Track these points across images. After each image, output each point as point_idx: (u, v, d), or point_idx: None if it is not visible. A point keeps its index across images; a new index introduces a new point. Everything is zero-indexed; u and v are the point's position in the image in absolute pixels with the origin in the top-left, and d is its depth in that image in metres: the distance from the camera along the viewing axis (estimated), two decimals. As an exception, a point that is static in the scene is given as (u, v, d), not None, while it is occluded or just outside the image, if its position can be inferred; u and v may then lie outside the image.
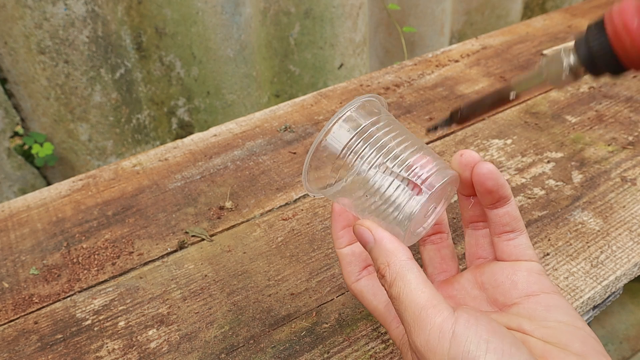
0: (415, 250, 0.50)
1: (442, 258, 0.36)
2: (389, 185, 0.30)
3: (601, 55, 0.21)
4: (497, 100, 0.27)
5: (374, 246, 0.30)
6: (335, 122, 0.30)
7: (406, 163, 0.30)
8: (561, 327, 0.28)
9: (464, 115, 0.28)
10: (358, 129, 0.30)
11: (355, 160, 0.30)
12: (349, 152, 0.30)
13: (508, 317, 0.30)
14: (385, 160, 0.30)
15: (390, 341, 0.42)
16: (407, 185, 0.30)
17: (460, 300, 0.33)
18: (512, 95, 0.26)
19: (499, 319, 0.30)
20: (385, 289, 0.29)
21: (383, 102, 0.32)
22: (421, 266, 0.40)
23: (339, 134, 0.31)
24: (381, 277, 0.29)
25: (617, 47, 0.20)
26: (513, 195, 0.56)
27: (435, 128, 0.27)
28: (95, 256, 0.53)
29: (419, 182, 0.29)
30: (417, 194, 0.30)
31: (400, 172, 0.30)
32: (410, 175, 0.30)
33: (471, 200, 0.34)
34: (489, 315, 0.30)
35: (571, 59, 0.23)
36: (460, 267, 0.38)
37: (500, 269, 0.32)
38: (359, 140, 0.30)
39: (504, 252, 0.32)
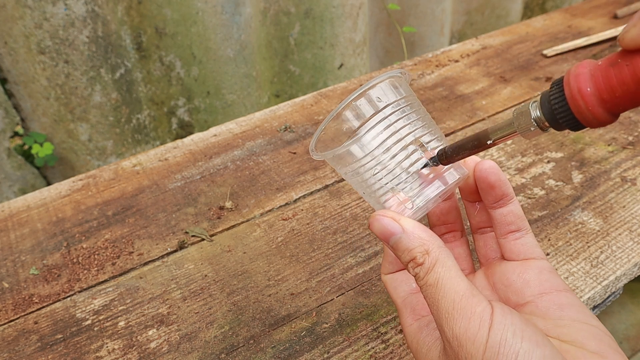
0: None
1: (456, 257, 0.36)
2: (399, 166, 0.29)
3: (561, 115, 0.23)
4: (476, 145, 0.29)
5: (402, 236, 0.28)
6: (358, 95, 0.30)
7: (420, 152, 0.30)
8: (576, 326, 0.28)
9: (448, 155, 0.30)
10: (378, 108, 0.30)
11: (369, 130, 0.30)
12: (366, 124, 0.30)
13: None
14: (397, 141, 0.29)
15: (391, 341, 0.42)
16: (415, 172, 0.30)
17: None
18: (489, 142, 0.28)
19: None
20: (419, 277, 0.28)
21: (408, 78, 0.32)
22: None
23: (360, 106, 0.31)
24: (417, 265, 0.28)
25: (574, 109, 0.22)
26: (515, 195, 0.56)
27: (424, 166, 0.29)
28: (95, 256, 0.53)
29: (431, 177, 0.30)
30: (428, 184, 0.30)
31: (412, 162, 0.29)
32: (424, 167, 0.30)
33: (477, 206, 0.34)
34: None
35: (538, 113, 0.25)
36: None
37: (511, 268, 0.32)
38: (377, 118, 0.30)
39: (512, 251, 0.32)
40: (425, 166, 0.30)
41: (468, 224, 0.44)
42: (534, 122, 0.25)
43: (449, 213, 0.35)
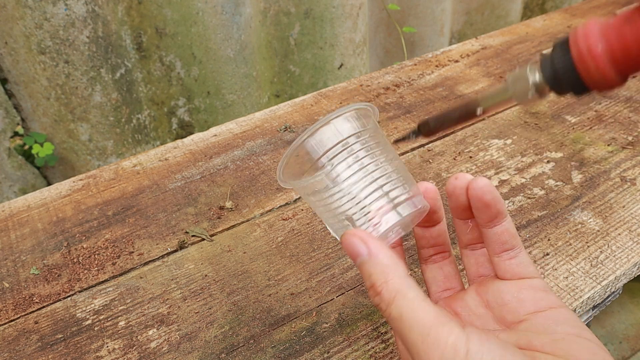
0: (417, 268, 0.50)
1: (445, 276, 0.35)
2: (359, 196, 0.30)
3: (566, 77, 0.21)
4: (464, 115, 0.26)
5: (367, 260, 0.27)
6: (320, 127, 0.31)
7: (383, 180, 0.30)
8: (570, 339, 0.28)
9: (431, 127, 0.27)
10: (340, 139, 0.30)
11: (335, 162, 0.30)
12: (328, 156, 0.30)
13: (517, 335, 0.29)
14: (361, 172, 0.30)
15: (391, 341, 0.42)
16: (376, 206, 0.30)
17: (466, 318, 0.33)
18: (478, 110, 0.25)
19: (507, 338, 0.29)
20: (381, 309, 0.27)
21: (376, 113, 0.32)
22: (423, 285, 0.40)
23: (324, 137, 0.31)
24: (376, 294, 0.27)
25: (582, 70, 0.20)
26: (513, 196, 0.56)
27: (402, 139, 0.27)
28: (96, 256, 0.53)
29: (390, 204, 0.30)
30: (385, 214, 0.30)
31: (372, 191, 0.30)
32: (382, 197, 0.30)
33: (469, 224, 0.33)
34: (497, 334, 0.30)
35: (537, 76, 0.23)
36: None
37: (506, 287, 0.32)
38: (340, 148, 0.30)
39: (507, 271, 0.32)
40: (403, 139, 0.30)
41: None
42: (532, 87, 0.23)
43: (438, 237, 0.35)
